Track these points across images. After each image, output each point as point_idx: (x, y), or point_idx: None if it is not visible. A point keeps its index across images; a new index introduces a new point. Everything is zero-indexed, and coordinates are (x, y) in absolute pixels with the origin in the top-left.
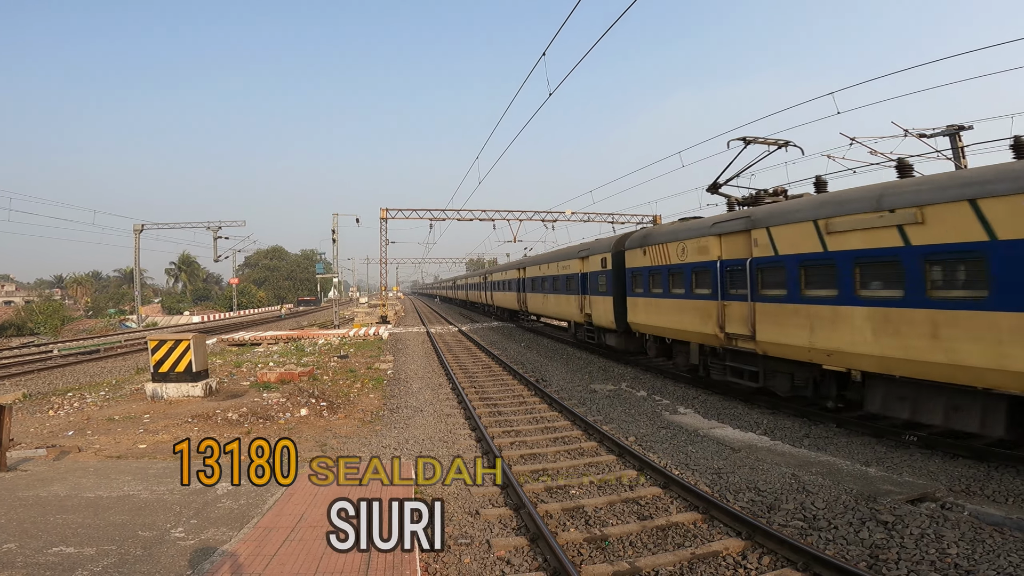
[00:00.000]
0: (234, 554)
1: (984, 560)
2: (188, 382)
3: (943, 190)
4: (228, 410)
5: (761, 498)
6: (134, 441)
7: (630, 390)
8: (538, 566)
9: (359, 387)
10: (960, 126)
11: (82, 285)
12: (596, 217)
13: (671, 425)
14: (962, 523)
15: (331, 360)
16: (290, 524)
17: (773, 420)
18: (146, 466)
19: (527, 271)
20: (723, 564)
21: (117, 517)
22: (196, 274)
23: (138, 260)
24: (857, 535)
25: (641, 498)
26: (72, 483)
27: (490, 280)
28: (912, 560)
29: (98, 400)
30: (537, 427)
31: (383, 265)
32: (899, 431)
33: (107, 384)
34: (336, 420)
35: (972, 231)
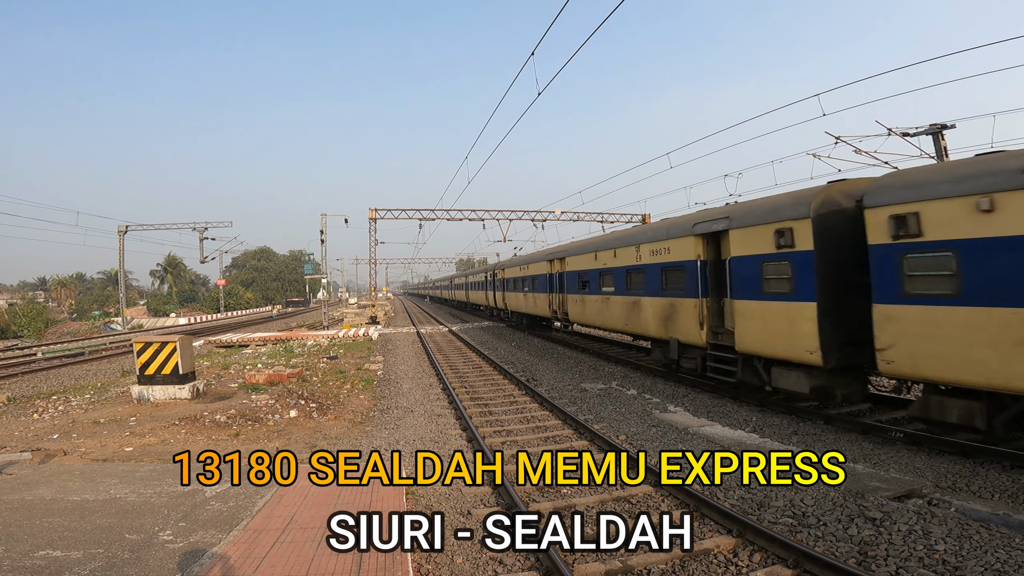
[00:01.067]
0: (224, 556)
1: (971, 556)
2: (175, 384)
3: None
4: (216, 412)
5: (751, 496)
6: (120, 444)
7: (620, 389)
8: (531, 565)
9: (349, 388)
10: (943, 125)
11: (66, 287)
12: (586, 217)
13: (661, 423)
14: (949, 519)
15: (320, 361)
16: (280, 526)
17: (762, 417)
18: (133, 469)
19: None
20: (715, 562)
21: (104, 520)
22: (182, 276)
23: (123, 262)
24: (846, 532)
25: (632, 496)
26: (58, 486)
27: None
28: (900, 557)
29: (83, 403)
30: (528, 426)
31: (372, 265)
32: (886, 428)
33: (92, 387)
34: (326, 421)
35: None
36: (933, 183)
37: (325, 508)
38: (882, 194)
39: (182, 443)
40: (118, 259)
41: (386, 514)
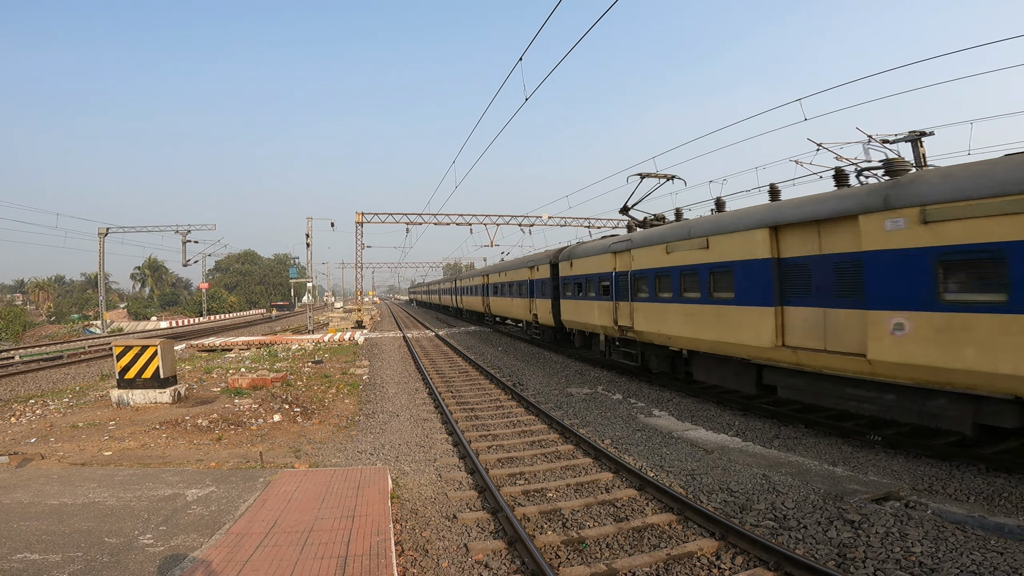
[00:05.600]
0: (205, 560)
1: (947, 558)
2: (155, 388)
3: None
4: (198, 416)
5: (734, 499)
6: (99, 448)
7: (606, 393)
8: (516, 569)
9: (334, 392)
10: (921, 132)
11: (44, 290)
12: (573, 221)
13: (646, 427)
14: (925, 522)
15: (305, 365)
16: (263, 530)
17: (744, 421)
18: (112, 473)
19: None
20: (698, 564)
21: (83, 524)
22: (164, 278)
23: (103, 264)
24: (825, 534)
25: (617, 500)
26: (35, 490)
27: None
28: (878, 559)
29: (61, 407)
30: (514, 431)
31: (359, 269)
32: (864, 431)
33: (71, 391)
34: (311, 426)
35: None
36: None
37: (309, 512)
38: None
39: (163, 447)
40: (98, 261)
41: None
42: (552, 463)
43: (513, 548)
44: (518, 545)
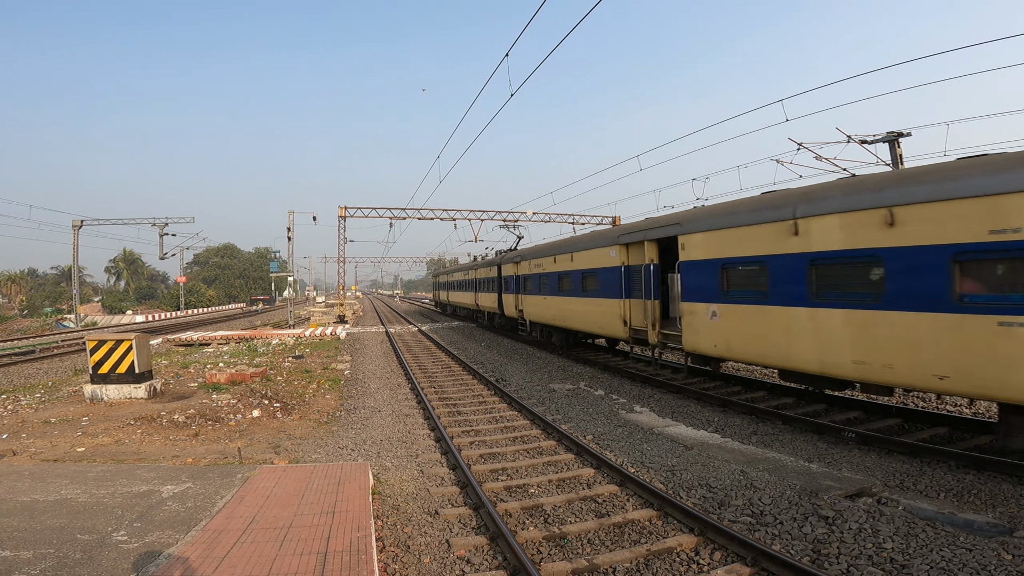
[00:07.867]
0: (182, 557)
1: (918, 554)
2: (130, 383)
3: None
4: (174, 412)
5: (712, 495)
6: (72, 444)
7: (588, 389)
8: (498, 564)
9: (315, 388)
10: (899, 133)
11: (16, 283)
12: (557, 218)
13: (627, 424)
14: (897, 518)
15: (286, 360)
16: (241, 527)
17: (723, 418)
18: (85, 469)
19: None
20: (677, 560)
21: (54, 521)
22: (140, 272)
23: (76, 257)
24: (801, 530)
25: (599, 496)
26: (6, 487)
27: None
28: (851, 555)
29: (33, 402)
30: (497, 427)
31: (341, 264)
32: (839, 428)
33: (43, 386)
34: (291, 421)
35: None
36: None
37: (289, 509)
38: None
39: (138, 443)
40: (72, 254)
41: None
42: (534, 459)
43: (495, 544)
44: (500, 541)
